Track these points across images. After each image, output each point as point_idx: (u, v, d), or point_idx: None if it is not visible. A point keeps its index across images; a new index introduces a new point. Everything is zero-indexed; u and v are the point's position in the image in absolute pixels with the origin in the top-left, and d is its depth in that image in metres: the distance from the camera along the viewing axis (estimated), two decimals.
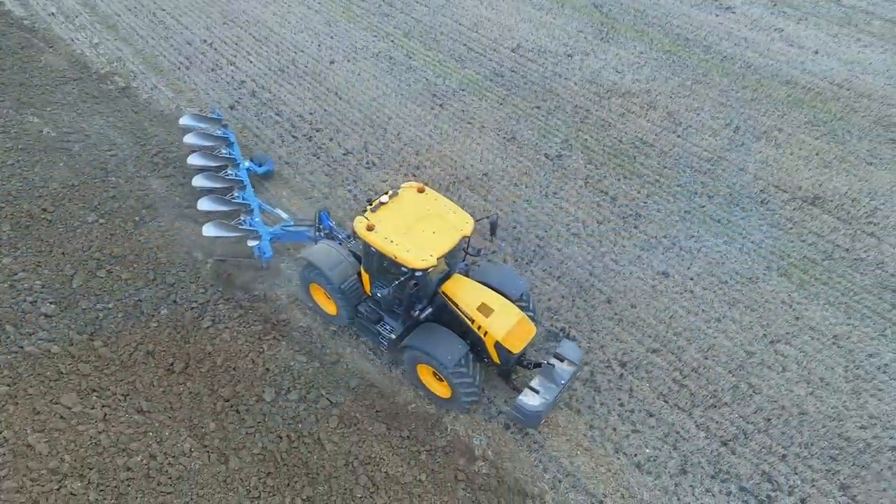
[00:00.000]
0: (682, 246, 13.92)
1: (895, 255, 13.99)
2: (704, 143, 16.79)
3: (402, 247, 9.66)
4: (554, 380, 10.07)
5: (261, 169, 14.65)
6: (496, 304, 10.30)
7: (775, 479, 10.12)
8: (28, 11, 20.49)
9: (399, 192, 10.64)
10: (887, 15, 22.80)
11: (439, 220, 10.14)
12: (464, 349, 10.09)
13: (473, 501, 9.68)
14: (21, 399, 10.31)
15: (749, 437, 10.67)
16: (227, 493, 9.51)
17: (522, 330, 10.19)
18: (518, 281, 11.21)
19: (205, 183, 13.55)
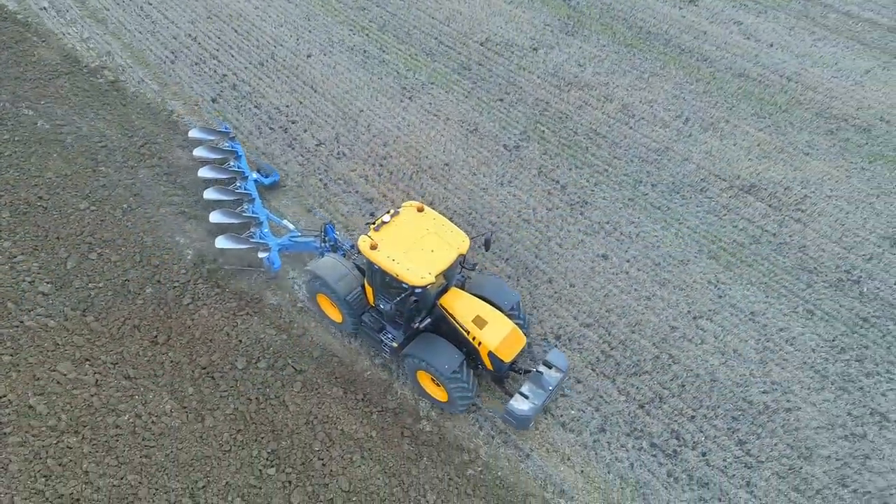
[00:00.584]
0: (623, 231, 15.24)
1: (816, 240, 15.31)
2: (654, 134, 18.01)
3: (402, 265, 10.55)
4: (542, 386, 11.14)
5: (267, 180, 15.36)
6: (490, 317, 11.28)
7: (682, 437, 11.59)
8: (21, 6, 21.50)
9: (400, 211, 11.47)
10: (844, 8, 23.79)
11: (437, 238, 10.99)
12: (460, 358, 11.03)
13: (417, 454, 11.15)
14: (22, 367, 11.73)
15: (664, 400, 12.11)
16: (202, 447, 10.98)
17: (514, 340, 11.19)
18: (510, 293, 12.11)
19: (216, 196, 14.30)
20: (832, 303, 14.01)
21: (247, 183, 14.89)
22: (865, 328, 13.54)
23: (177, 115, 17.72)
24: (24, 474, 10.40)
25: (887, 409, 12.20)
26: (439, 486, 10.75)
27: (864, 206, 16.27)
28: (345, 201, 15.60)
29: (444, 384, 10.99)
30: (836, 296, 14.15)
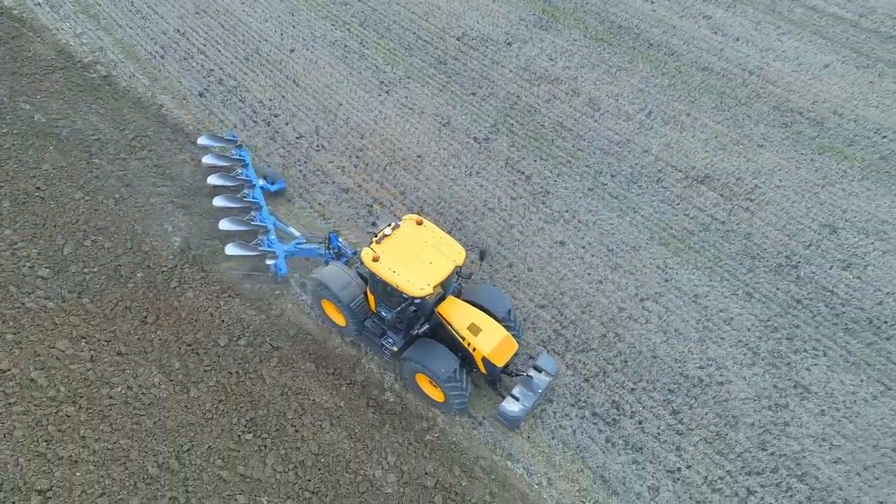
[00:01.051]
0: (581, 219, 16.36)
1: (761, 227, 16.44)
2: (617, 126, 19.04)
3: (402, 277, 11.33)
4: (532, 388, 12.09)
5: (273, 187, 16.00)
6: (484, 324, 12.06)
7: (622, 407, 12.83)
8: (16, 1, 22.38)
9: (400, 224, 12.26)
10: (810, 3, 24.63)
11: (435, 251, 11.78)
12: (455, 362, 11.85)
13: (380, 422, 12.40)
14: (24, 344, 12.93)
15: (607, 374, 13.33)
16: (187, 415, 12.21)
17: (506, 346, 11.98)
18: (504, 300, 12.83)
19: (225, 203, 14.97)
20: (770, 286, 15.17)
21: (254, 191, 15.50)
22: (798, 309, 14.72)
23: (166, 108, 18.73)
24: (27, 439, 11.64)
25: (810, 382, 13.42)
26: (399, 450, 12.00)
27: (810, 195, 17.36)
28: (322, 191, 16.70)
29: (442, 387, 11.85)
30: (775, 280, 15.31)
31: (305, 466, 11.67)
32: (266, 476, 11.51)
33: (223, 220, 14.49)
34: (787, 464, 12.19)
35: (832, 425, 12.78)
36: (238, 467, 11.58)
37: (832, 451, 12.44)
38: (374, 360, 13.35)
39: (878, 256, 15.92)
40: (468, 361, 12.26)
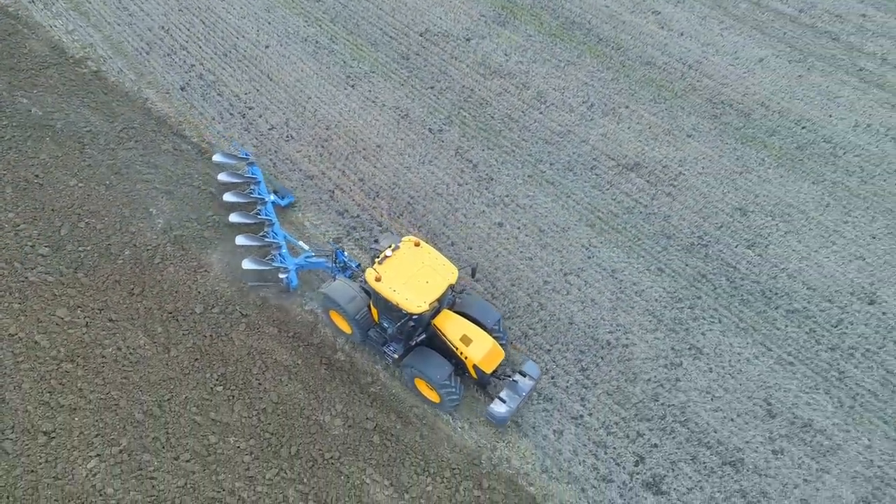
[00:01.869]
0: (519, 203, 18.42)
1: (680, 210, 18.49)
2: (560, 118, 20.97)
3: (402, 295, 12.80)
4: (517, 391, 13.54)
5: (283, 202, 17.39)
6: (474, 335, 13.55)
7: (539, 364, 15.03)
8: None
9: (400, 246, 13.72)
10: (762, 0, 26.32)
11: (431, 271, 13.28)
12: (449, 369, 13.34)
13: (331, 377, 14.64)
14: (28, 312, 15.11)
15: (528, 338, 15.53)
16: (168, 371, 14.44)
17: (494, 355, 13.51)
18: (493, 311, 14.33)
19: (240, 220, 16.38)
20: (680, 262, 17.30)
21: (266, 207, 16.83)
22: (702, 283, 16.87)
23: (150, 102, 20.65)
24: (33, 391, 13.89)
25: (703, 345, 15.62)
26: (346, 399, 14.25)
27: (728, 181, 19.38)
28: (290, 178, 18.74)
29: (437, 390, 13.40)
30: (686, 257, 17.43)
31: (266, 413, 13.94)
32: (233, 420, 13.78)
33: (239, 237, 15.89)
34: (673, 412, 14.45)
35: (716, 380, 15.02)
36: (210, 413, 13.85)
37: (713, 401, 14.70)
38: (328, 326, 15.54)
39: (779, 237, 18.01)
40: (461, 368, 13.84)
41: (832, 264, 17.44)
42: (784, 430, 14.30)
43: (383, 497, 12.94)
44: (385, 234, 16.12)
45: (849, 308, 16.50)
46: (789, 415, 14.56)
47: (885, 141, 20.86)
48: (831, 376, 15.24)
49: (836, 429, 14.39)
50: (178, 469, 13.10)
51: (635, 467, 13.59)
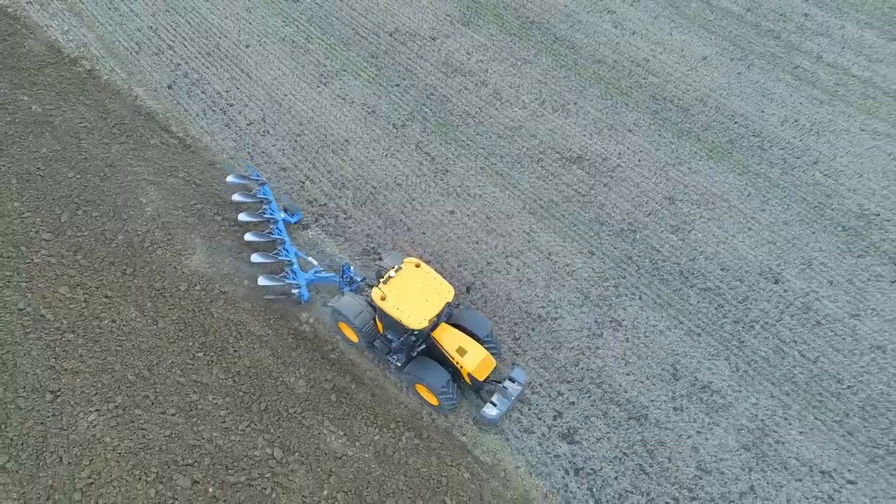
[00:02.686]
0: (470, 193, 20.57)
1: (614, 199, 20.63)
2: (514, 114, 23.00)
3: (404, 313, 14.49)
4: (507, 396, 15.32)
5: (293, 219, 18.89)
6: (469, 346, 15.22)
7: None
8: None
9: (402, 266, 15.33)
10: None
11: (430, 290, 14.90)
12: (446, 377, 15.09)
13: (297, 345, 16.97)
14: (34, 290, 17.36)
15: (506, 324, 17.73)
16: (156, 340, 16.74)
17: (486, 364, 15.22)
18: (485, 323, 15.95)
19: (255, 238, 17.95)
20: (610, 246, 19.51)
21: (278, 226, 18.36)
22: (628, 264, 19.11)
23: (140, 99, 22.70)
24: (41, 356, 16.20)
25: (623, 318, 17.91)
26: (309, 364, 16.60)
27: (660, 173, 21.49)
28: (265, 170, 20.86)
29: (436, 396, 15.22)
30: (615, 241, 19.63)
31: (240, 375, 16.29)
32: (212, 381, 16.14)
33: (255, 255, 17.48)
34: (591, 375, 16.80)
35: (631, 349, 17.34)
36: (192, 375, 16.19)
37: (626, 366, 17.03)
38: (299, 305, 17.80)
39: (702, 223, 20.20)
40: (457, 375, 15.56)
41: (746, 248, 19.65)
42: (685, 391, 16.66)
43: (338, 444, 15.34)
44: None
45: (755, 286, 18.76)
46: (691, 378, 16.92)
47: (809, 135, 22.91)
48: (732, 345, 17.56)
49: (729, 390, 16.75)
50: (164, 421, 15.48)
51: (553, 421, 15.97)
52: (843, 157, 22.25)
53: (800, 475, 15.44)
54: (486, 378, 15.39)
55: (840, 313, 18.26)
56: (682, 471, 15.40)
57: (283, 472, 14.81)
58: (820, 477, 15.44)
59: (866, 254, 19.61)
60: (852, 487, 15.31)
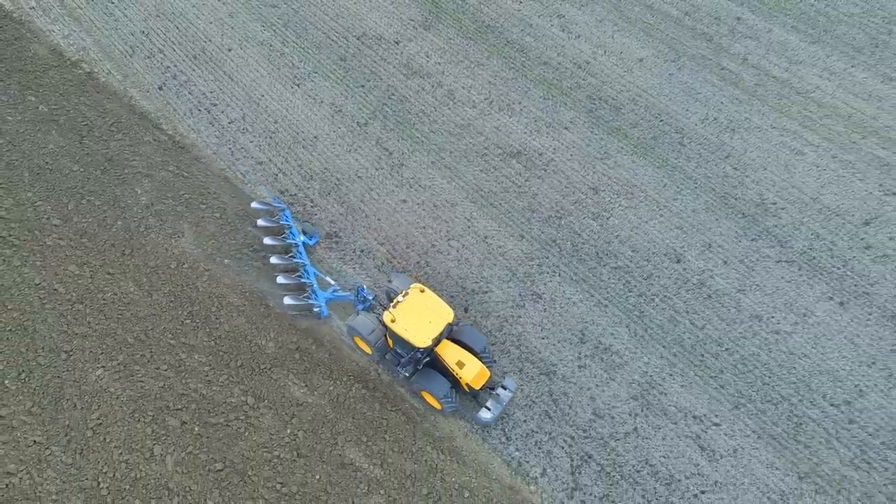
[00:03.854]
0: (421, 184, 23.76)
1: (546, 190, 23.78)
2: (464, 113, 26.04)
3: (411, 333, 16.99)
4: (499, 401, 18.06)
5: (312, 241, 21.16)
6: (467, 360, 17.91)
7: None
8: (15, 4, 28.77)
9: (409, 292, 17.84)
10: (648, 1, 30.78)
11: (433, 313, 17.39)
12: (448, 386, 17.79)
13: (268, 314, 20.30)
14: (47, 268, 20.68)
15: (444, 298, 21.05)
16: (150, 310, 20.12)
17: (482, 375, 17.89)
18: (482, 339, 18.45)
19: (279, 261, 20.16)
20: (539, 231, 22.76)
21: (299, 250, 20.55)
22: (552, 246, 22.38)
23: (134, 100, 25.71)
24: (56, 323, 19.60)
25: (543, 292, 21.26)
26: (278, 329, 19.98)
27: (589, 166, 24.63)
28: (244, 163, 24.02)
29: (439, 401, 17.92)
30: (543, 227, 22.88)
31: (221, 338, 19.71)
32: (197, 343, 19.56)
33: (280, 276, 19.92)
34: (511, 339, 20.21)
35: (547, 317, 20.72)
36: (181, 338, 19.62)
37: (542, 332, 20.44)
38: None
39: (620, 211, 23.41)
40: (457, 384, 18.28)
41: (656, 232, 22.91)
42: (589, 352, 20.10)
43: (299, 394, 18.83)
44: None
45: (659, 266, 22.07)
46: (596, 342, 20.34)
47: (725, 132, 25.98)
48: (633, 315, 20.94)
49: (627, 351, 20.18)
50: (158, 375, 18.96)
51: None
52: (753, 151, 25.35)
53: (676, 419, 18.95)
54: (481, 387, 18.08)
55: (729, 288, 21.61)
56: (579, 415, 18.90)
57: (255, 415, 18.34)
58: (692, 420, 18.95)
59: (759, 237, 22.87)
60: (716, 428, 18.84)
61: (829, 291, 21.61)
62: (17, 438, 17.75)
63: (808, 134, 25.98)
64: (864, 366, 20.04)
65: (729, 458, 18.34)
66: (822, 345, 20.44)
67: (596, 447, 18.38)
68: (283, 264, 20.43)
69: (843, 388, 19.60)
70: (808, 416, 19.05)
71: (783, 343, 20.44)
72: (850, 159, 25.23)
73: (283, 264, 20.43)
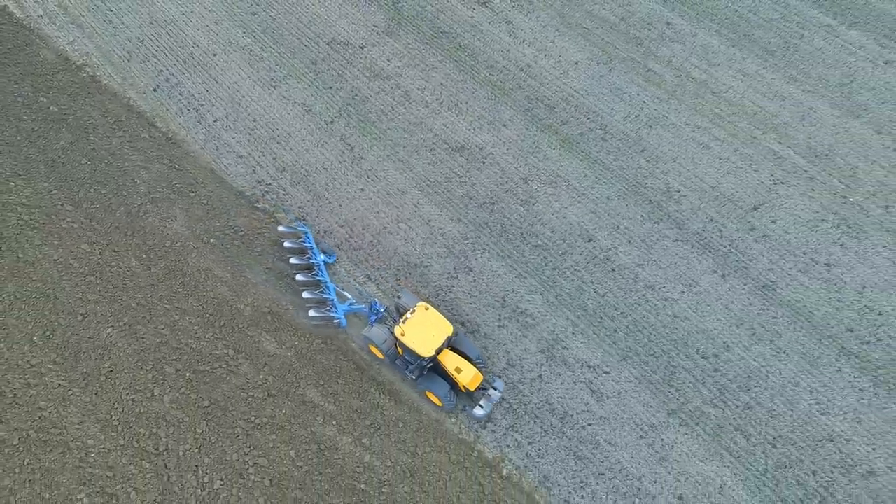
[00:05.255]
0: (377, 175, 27.97)
1: (482, 180, 27.96)
2: (418, 112, 30.10)
3: (417, 344, 20.45)
4: (490, 400, 21.39)
5: (331, 259, 24.48)
6: (464, 366, 21.07)
7: (371, 277, 25.08)
8: (25, 13, 32.65)
9: (416, 310, 21.27)
10: (589, 8, 34.40)
11: (435, 328, 20.82)
12: (447, 387, 21.02)
13: (245, 284, 24.75)
14: (64, 246, 25.06)
15: (367, 262, 25.49)
16: (149, 280, 24.55)
17: (476, 379, 21.01)
18: (474, 348, 21.92)
19: (304, 279, 23.51)
20: (475, 215, 27.04)
21: (320, 268, 23.77)
22: (484, 228, 26.69)
23: (132, 101, 29.78)
24: (72, 291, 24.04)
25: (473, 266, 25.62)
26: (254, 295, 24.44)
27: (521, 159, 28.79)
28: (226, 157, 28.24)
29: (440, 400, 21.21)
30: (479, 211, 27.15)
31: (207, 303, 24.18)
32: (188, 307, 24.06)
33: (305, 292, 23.15)
34: (445, 304, 24.66)
35: (475, 287, 25.14)
36: (174, 304, 24.11)
37: (470, 298, 24.87)
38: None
39: (545, 198, 27.67)
40: (455, 386, 21.50)
41: (573, 216, 27.20)
42: (508, 315, 24.58)
43: (271, 347, 23.39)
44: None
45: (573, 244, 26.41)
46: (515, 306, 24.80)
47: (644, 128, 30.05)
48: (547, 285, 25.37)
49: (539, 314, 24.65)
50: (157, 333, 23.50)
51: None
52: (666, 146, 29.49)
53: (574, 369, 23.50)
54: (476, 388, 21.37)
55: (630, 263, 25.99)
56: (495, 364, 23.44)
57: (234, 364, 22.94)
58: (587, 369, 23.51)
59: (661, 221, 27.17)
60: (606, 376, 23.41)
61: (714, 266, 25.99)
62: (45, 382, 22.37)
63: (717, 130, 30.06)
64: (734, 326, 24.52)
65: (613, 398, 22.94)
66: (701, 310, 24.90)
67: (507, 390, 22.96)
68: (306, 280, 23.78)
69: (713, 344, 24.11)
70: (681, 367, 23.61)
71: (669, 308, 24.90)
72: (750, 153, 29.35)
73: (306, 280, 23.79)
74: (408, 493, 20.86)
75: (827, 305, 24.98)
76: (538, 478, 21.35)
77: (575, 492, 21.18)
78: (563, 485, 21.28)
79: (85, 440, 21.40)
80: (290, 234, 24.88)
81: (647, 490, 21.29)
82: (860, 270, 25.85)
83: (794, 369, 23.57)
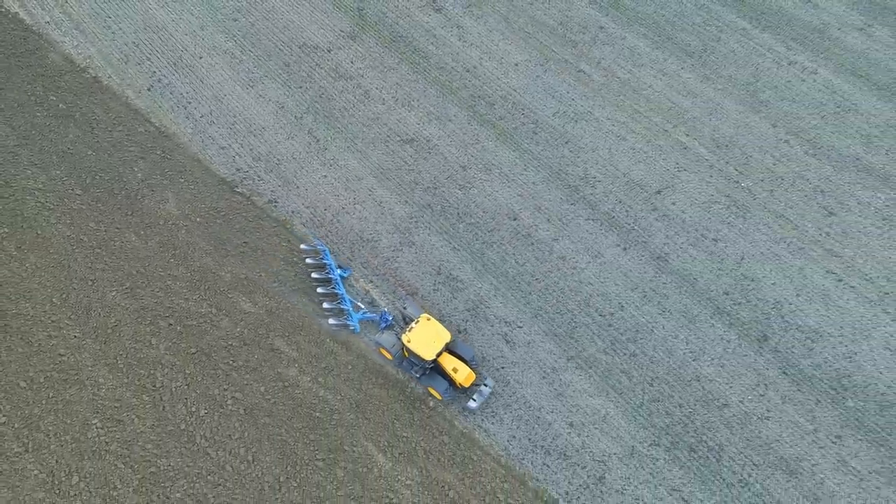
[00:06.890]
0: (339, 164, 32.98)
1: (428, 167, 32.96)
2: (375, 109, 34.94)
3: (421, 349, 24.32)
4: (482, 394, 25.37)
5: (346, 273, 28.58)
6: (459, 367, 24.96)
7: (334, 250, 30.27)
8: (33, 19, 37.33)
9: (419, 320, 25.12)
10: (532, 13, 39.01)
11: (436, 335, 24.66)
12: (446, 384, 25.05)
13: (226, 255, 30.01)
14: (74, 224, 30.19)
15: (329, 240, 30.65)
16: (147, 252, 29.74)
17: (470, 377, 24.97)
18: (471, 351, 25.80)
19: (323, 291, 27.61)
20: (419, 199, 32.02)
21: (336, 282, 27.86)
22: (427, 209, 31.72)
23: (130, 100, 34.65)
24: (82, 262, 29.27)
25: (416, 241, 30.70)
26: (234, 265, 29.66)
27: (462, 149, 33.71)
28: (210, 148, 33.23)
29: (440, 394, 25.27)
30: (423, 195, 32.14)
31: (194, 271, 29.40)
32: (179, 274, 29.27)
33: (325, 302, 27.52)
34: (390, 272, 29.82)
35: (417, 258, 30.29)
36: (167, 271, 29.30)
37: (411, 266, 30.00)
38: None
39: (480, 183, 32.67)
40: (452, 383, 25.41)
41: (503, 198, 32.23)
42: (442, 281, 29.78)
43: (247, 306, 28.66)
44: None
45: (501, 222, 31.49)
46: (448, 273, 30.00)
47: (570, 123, 34.91)
48: (476, 256, 30.52)
49: (468, 280, 29.84)
50: (153, 295, 28.77)
51: (364, 296, 29.25)
52: (588, 138, 34.39)
53: (493, 323, 28.78)
54: (470, 385, 25.50)
55: (547, 238, 31.12)
56: None
57: (216, 320, 28.26)
58: (504, 324, 28.79)
59: (577, 202, 32.22)
60: (519, 329, 28.73)
61: (618, 241, 31.13)
62: (63, 334, 27.72)
63: (633, 124, 34.93)
64: (629, 290, 29.75)
65: (523, 347, 28.28)
66: (603, 276, 30.11)
67: None
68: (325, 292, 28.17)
69: (610, 304, 29.37)
70: (582, 323, 28.90)
71: (577, 276, 30.11)
72: (660, 144, 34.28)
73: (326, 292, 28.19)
74: (353, 419, 26.31)
75: (709, 273, 30.18)
76: (458, 408, 26.77)
77: (486, 419, 26.61)
78: (479, 413, 26.71)
79: (96, 379, 26.80)
80: (310, 251, 29.27)
81: (545, 419, 26.73)
82: (741, 244, 30.99)
83: (675, 325, 28.85)
